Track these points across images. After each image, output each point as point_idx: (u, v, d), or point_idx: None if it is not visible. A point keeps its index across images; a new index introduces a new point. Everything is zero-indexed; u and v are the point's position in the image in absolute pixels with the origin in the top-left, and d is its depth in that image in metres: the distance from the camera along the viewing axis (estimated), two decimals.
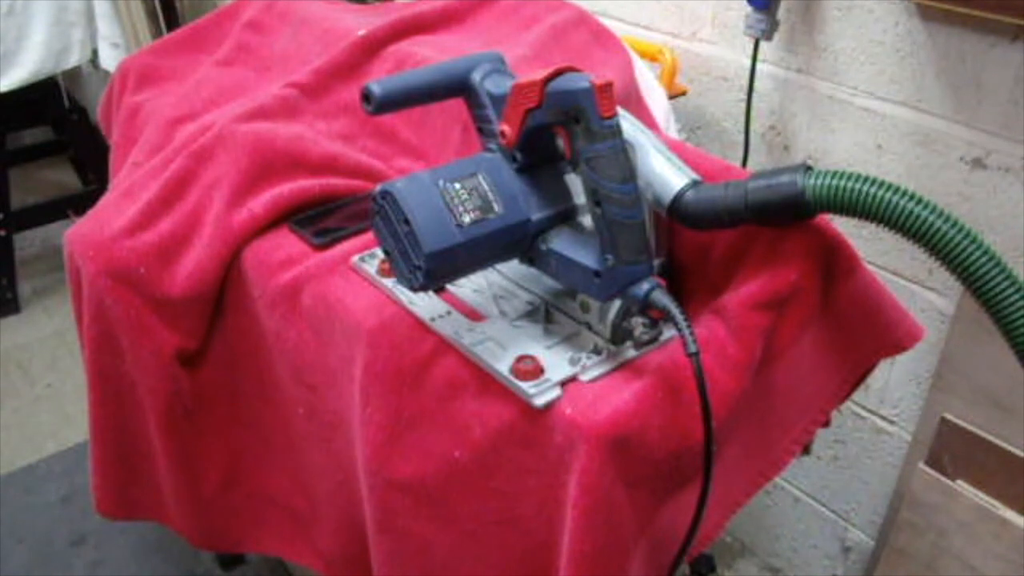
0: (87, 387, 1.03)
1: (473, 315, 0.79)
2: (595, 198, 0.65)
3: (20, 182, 2.51)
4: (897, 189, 0.63)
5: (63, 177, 2.85)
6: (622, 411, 0.67)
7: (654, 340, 0.72)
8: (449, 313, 0.79)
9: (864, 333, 0.78)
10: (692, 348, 0.63)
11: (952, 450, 1.15)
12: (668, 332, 0.74)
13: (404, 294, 0.80)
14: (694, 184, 0.72)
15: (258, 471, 1.07)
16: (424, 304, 0.80)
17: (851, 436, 1.35)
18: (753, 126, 1.26)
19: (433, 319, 0.78)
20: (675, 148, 0.76)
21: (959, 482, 1.14)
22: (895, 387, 1.25)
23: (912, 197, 0.62)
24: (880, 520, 1.34)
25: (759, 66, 1.21)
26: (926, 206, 0.62)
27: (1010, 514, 1.09)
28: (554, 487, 0.70)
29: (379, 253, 0.86)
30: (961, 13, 0.98)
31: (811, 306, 0.74)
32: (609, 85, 0.62)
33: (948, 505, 1.14)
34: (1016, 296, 0.60)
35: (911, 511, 1.19)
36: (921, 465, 1.17)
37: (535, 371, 0.70)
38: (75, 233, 0.99)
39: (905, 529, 1.20)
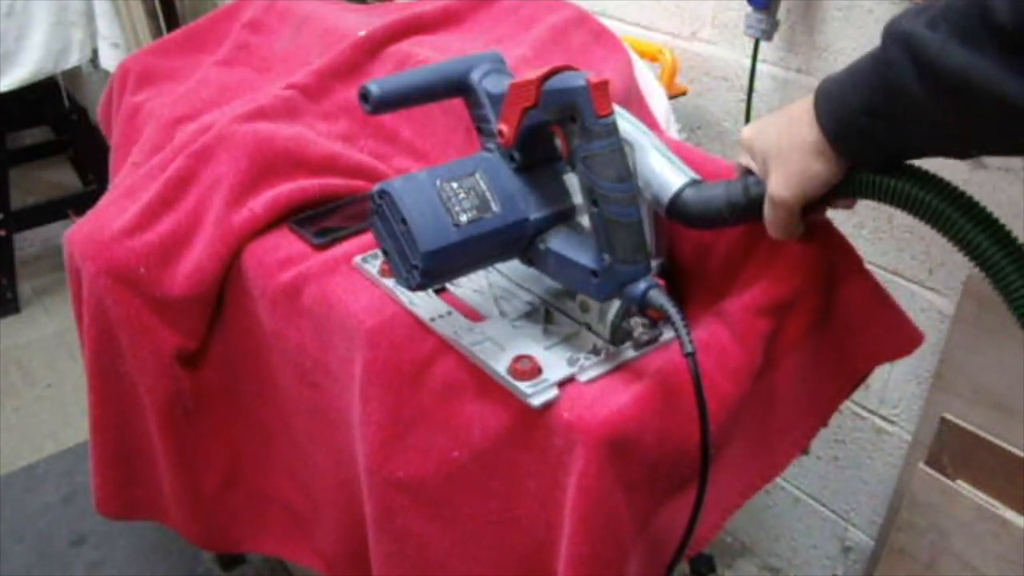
0: (87, 387, 1.03)
1: (473, 315, 0.79)
2: (591, 197, 0.65)
3: (20, 182, 2.52)
4: (903, 173, 0.60)
5: (63, 177, 2.86)
6: (620, 413, 0.67)
7: (654, 341, 0.71)
8: (449, 313, 0.79)
9: (865, 338, 0.78)
10: (688, 348, 0.62)
11: (952, 450, 1.15)
12: (668, 333, 0.73)
13: (404, 294, 0.80)
14: (693, 183, 0.71)
15: (258, 471, 1.07)
16: (424, 304, 0.80)
17: (851, 436, 1.35)
18: None
19: (433, 319, 0.78)
20: (676, 148, 0.76)
21: (959, 482, 1.14)
22: (895, 387, 1.25)
23: (914, 179, 0.60)
24: (880, 520, 1.34)
25: (759, 66, 1.21)
26: (930, 188, 0.59)
27: (1010, 514, 1.09)
28: (553, 489, 0.70)
29: (380, 254, 0.86)
30: None
31: (813, 311, 0.74)
32: (604, 83, 0.62)
33: (948, 505, 1.14)
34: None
35: (911, 511, 1.19)
36: (921, 465, 1.17)
37: (532, 371, 0.70)
38: (75, 233, 0.99)
39: (905, 529, 1.21)
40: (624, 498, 0.68)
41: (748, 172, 0.69)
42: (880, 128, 0.57)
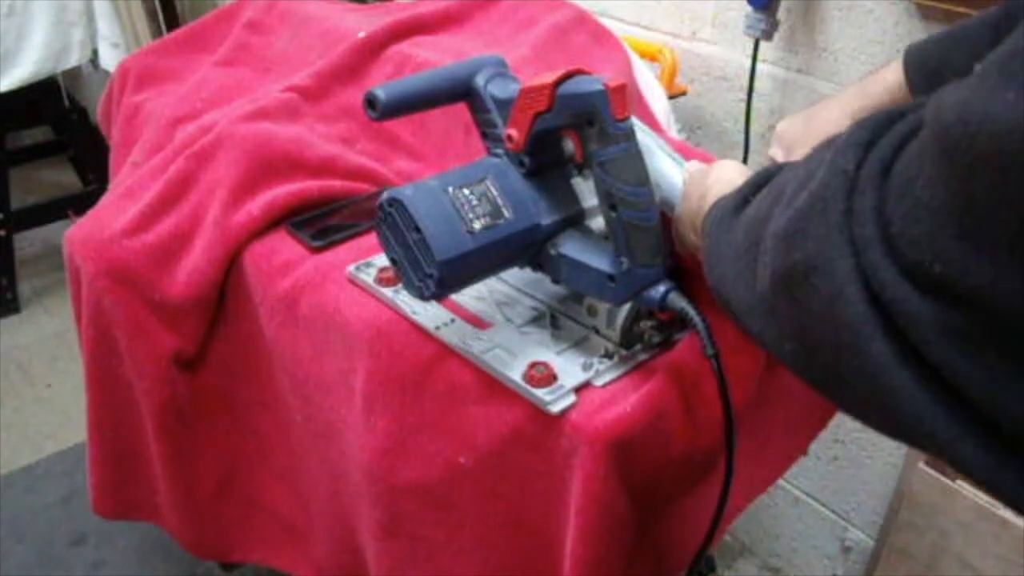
0: (86, 387, 1.03)
1: (477, 322, 0.78)
2: (610, 201, 0.64)
3: (20, 182, 2.51)
4: None
5: (63, 177, 2.85)
6: (626, 417, 0.66)
7: (664, 343, 0.71)
8: (453, 321, 0.78)
9: None
10: (711, 350, 0.62)
11: None
12: (678, 335, 0.73)
13: (406, 304, 0.79)
14: None
15: (254, 479, 1.07)
16: (427, 313, 0.79)
17: (851, 436, 1.35)
18: (753, 126, 1.26)
19: (438, 327, 0.77)
20: (680, 150, 0.76)
21: (959, 482, 1.14)
22: None
23: None
24: (880, 520, 1.34)
25: (759, 66, 1.21)
26: None
27: (1010, 514, 1.09)
28: (559, 491, 0.70)
29: (375, 262, 0.85)
30: (961, 13, 0.97)
31: None
32: (623, 87, 0.61)
33: (948, 505, 1.14)
34: None
35: (911, 511, 1.19)
36: (921, 465, 1.17)
37: (548, 378, 0.69)
38: (75, 233, 0.99)
39: (905, 529, 1.21)
40: (629, 501, 0.67)
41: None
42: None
